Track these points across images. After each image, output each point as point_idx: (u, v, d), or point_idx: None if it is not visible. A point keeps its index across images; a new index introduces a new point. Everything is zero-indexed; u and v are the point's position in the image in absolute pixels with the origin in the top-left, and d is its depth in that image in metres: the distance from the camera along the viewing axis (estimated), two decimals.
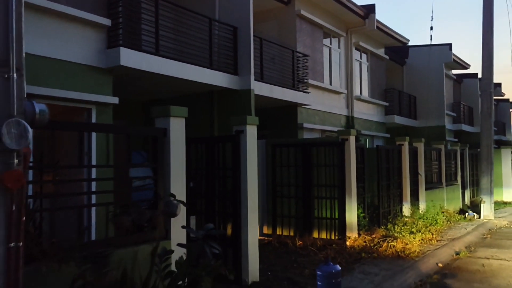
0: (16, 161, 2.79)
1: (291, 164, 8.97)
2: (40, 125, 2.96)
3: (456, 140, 23.07)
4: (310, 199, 8.78)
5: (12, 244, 2.77)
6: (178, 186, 4.69)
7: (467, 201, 16.56)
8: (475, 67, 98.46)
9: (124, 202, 4.49)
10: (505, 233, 11.25)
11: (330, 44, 15.15)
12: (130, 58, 7.37)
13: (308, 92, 12.57)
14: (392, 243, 8.10)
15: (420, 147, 12.15)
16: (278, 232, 9.03)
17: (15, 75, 2.81)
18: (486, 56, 13.63)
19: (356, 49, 16.72)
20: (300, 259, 7.44)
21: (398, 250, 7.84)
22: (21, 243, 2.81)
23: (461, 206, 15.39)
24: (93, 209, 6.23)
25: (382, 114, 18.65)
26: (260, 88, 10.49)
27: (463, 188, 16.25)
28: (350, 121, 15.81)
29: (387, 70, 19.76)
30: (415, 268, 7.13)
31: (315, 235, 8.69)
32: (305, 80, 12.68)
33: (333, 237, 8.56)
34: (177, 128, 4.76)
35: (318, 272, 5.28)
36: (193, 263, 3.81)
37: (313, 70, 13.69)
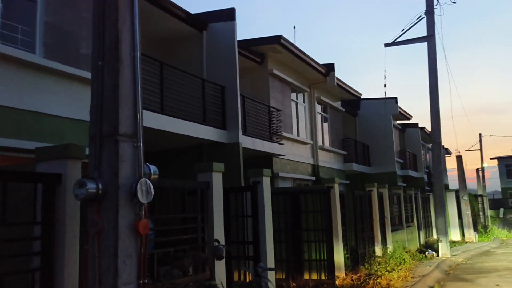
0: (143, 212, 3.46)
1: (281, 210, 9.76)
2: (153, 182, 3.65)
3: (405, 184, 24.94)
4: (300, 243, 9.57)
5: (141, 281, 3.39)
6: (219, 232, 5.38)
7: (422, 241, 17.99)
8: (416, 118, 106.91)
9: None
10: (464, 268, 12.55)
11: (297, 99, 16.53)
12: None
13: (282, 144, 13.64)
14: (378, 281, 9.02)
15: (385, 192, 13.43)
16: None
17: (141, 144, 3.53)
18: (434, 112, 15.49)
19: (318, 103, 18.25)
20: None
21: (384, 287, 8.76)
22: (146, 280, 3.44)
23: (418, 246, 16.73)
24: None
25: (341, 162, 20.09)
26: (244, 141, 11.40)
27: (419, 229, 17.71)
28: (316, 169, 17.00)
29: (342, 122, 21.47)
30: None
31: (306, 276, 9.42)
32: (279, 133, 13.78)
33: (323, 277, 9.33)
34: (217, 182, 5.51)
35: None
36: None
37: (284, 123, 14.86)
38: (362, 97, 22.48)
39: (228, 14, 11.43)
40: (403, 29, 16.10)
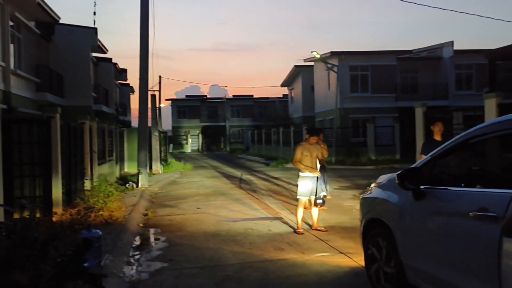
0: None
1: None
2: None
3: (97, 119, 24.66)
4: (11, 178, 8.29)
5: None
6: None
7: (118, 174, 18.58)
8: (110, 53, 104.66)
9: None
10: (163, 196, 13.82)
11: None
12: None
13: None
14: (100, 213, 8.91)
15: (94, 125, 13.05)
16: None
17: None
18: (143, 49, 15.75)
19: (11, 20, 15.54)
20: None
21: (106, 218, 8.75)
22: None
23: (115, 179, 17.21)
24: None
25: (34, 91, 18.06)
26: None
27: (116, 162, 18.15)
28: (7, 96, 14.73)
29: (36, 46, 19.10)
30: (128, 229, 8.29)
31: (17, 216, 8.33)
32: None
33: (38, 215, 8.46)
34: None
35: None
36: None
37: None
38: (60, 21, 20.44)
39: None
40: None
